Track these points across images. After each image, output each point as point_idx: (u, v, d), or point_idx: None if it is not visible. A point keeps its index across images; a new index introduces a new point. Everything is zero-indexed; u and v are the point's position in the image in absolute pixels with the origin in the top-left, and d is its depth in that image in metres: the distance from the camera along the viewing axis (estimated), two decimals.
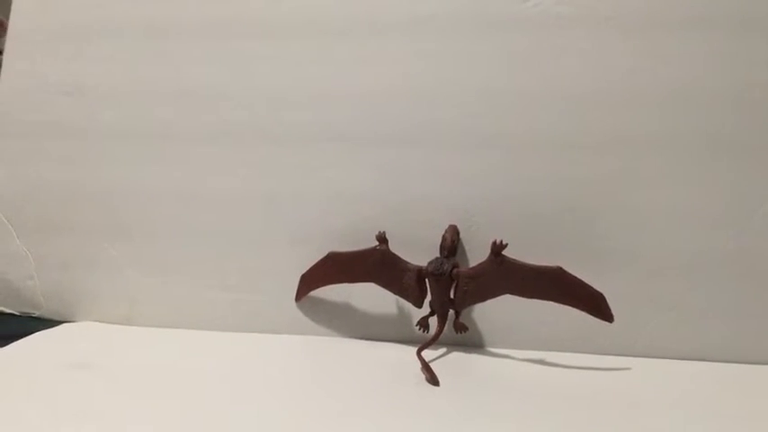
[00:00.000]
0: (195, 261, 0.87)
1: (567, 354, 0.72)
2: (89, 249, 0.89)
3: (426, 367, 0.71)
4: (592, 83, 0.78)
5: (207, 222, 0.86)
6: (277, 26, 0.83)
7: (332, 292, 0.83)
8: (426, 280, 0.76)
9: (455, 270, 0.75)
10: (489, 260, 0.74)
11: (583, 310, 0.72)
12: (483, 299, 0.75)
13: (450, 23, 0.80)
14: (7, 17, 0.90)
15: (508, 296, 0.74)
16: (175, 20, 0.85)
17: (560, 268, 0.71)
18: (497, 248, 0.73)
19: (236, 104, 0.85)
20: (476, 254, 0.79)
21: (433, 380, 0.70)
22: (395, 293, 0.79)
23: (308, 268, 0.82)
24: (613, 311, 0.72)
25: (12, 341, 0.81)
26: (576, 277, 0.71)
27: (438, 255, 0.77)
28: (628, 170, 0.78)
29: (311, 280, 0.83)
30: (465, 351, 0.78)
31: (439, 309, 0.76)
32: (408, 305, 0.79)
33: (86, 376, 0.72)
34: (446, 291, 0.75)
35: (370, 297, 0.82)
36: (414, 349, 0.74)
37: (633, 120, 0.78)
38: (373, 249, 0.78)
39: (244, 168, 0.85)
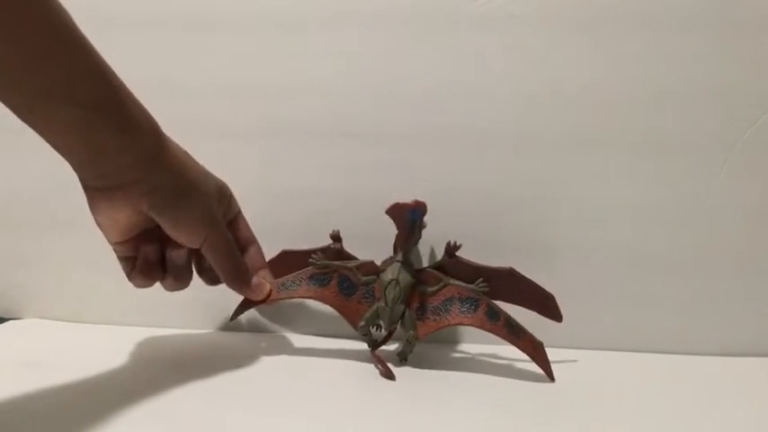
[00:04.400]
0: None
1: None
2: (35, 245, 0.87)
3: (381, 362, 0.72)
4: (541, 81, 0.79)
5: None
6: (231, 18, 0.81)
7: None
8: None
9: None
10: (443, 261, 0.75)
11: (533, 309, 0.74)
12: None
13: (402, 20, 0.79)
14: None
15: None
16: (125, 11, 0.83)
17: (512, 269, 0.73)
18: (451, 250, 0.74)
19: (185, 98, 0.83)
20: (428, 249, 0.81)
21: (388, 374, 0.71)
22: None
23: None
24: (562, 304, 0.74)
25: None
26: (527, 278, 0.73)
27: (392, 253, 0.77)
28: (577, 166, 0.80)
29: None
30: (420, 346, 0.79)
31: None
32: None
33: (34, 374, 0.70)
34: None
35: None
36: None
37: (583, 116, 0.79)
38: (327, 248, 0.78)
39: None
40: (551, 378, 0.71)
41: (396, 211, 0.70)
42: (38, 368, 0.72)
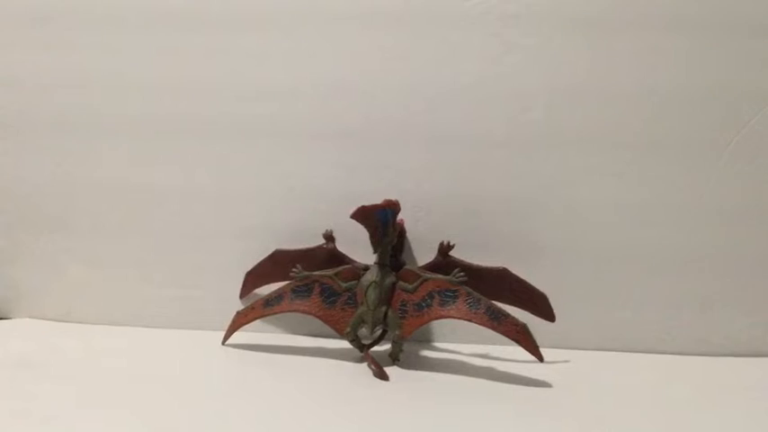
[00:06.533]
0: (137, 256, 0.85)
1: (509, 347, 0.73)
2: (25, 244, 0.87)
3: (374, 363, 0.72)
4: (532, 81, 0.79)
5: (150, 217, 0.85)
6: (222, 17, 0.81)
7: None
8: None
9: (402, 269, 0.75)
10: (436, 261, 0.75)
11: (526, 310, 0.75)
12: None
13: (396, 20, 0.80)
14: None
15: None
16: (112, 9, 0.82)
17: (505, 269, 0.74)
18: (445, 249, 0.74)
19: (181, 97, 0.83)
20: (422, 249, 0.81)
21: (381, 375, 0.71)
22: None
23: (253, 265, 0.82)
24: (555, 305, 0.75)
25: None
26: (520, 278, 0.74)
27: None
28: (571, 167, 0.80)
29: (256, 277, 0.82)
30: (413, 347, 0.79)
31: None
32: None
33: (24, 374, 0.70)
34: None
35: None
36: None
37: (575, 117, 0.79)
38: (320, 247, 0.78)
39: (188, 162, 0.83)
40: (540, 359, 0.70)
41: (361, 215, 0.70)
42: (29, 368, 0.72)
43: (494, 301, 0.70)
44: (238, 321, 0.77)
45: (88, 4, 0.83)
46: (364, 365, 0.73)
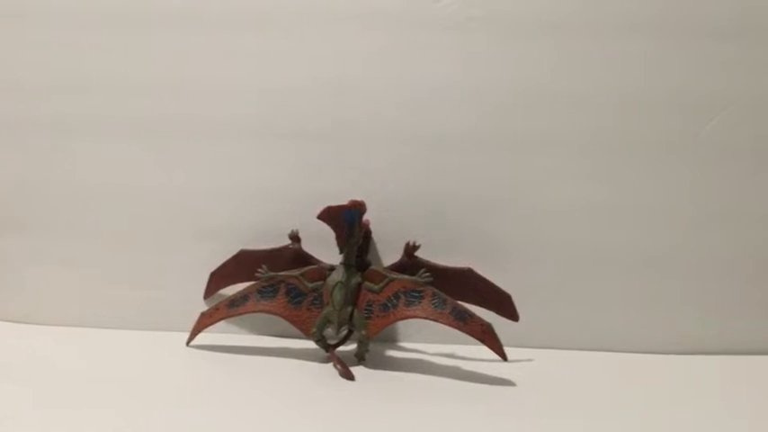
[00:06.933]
0: (98, 257, 0.84)
1: (474, 347, 0.74)
2: None
3: (340, 363, 0.72)
4: (498, 83, 0.80)
5: (112, 217, 0.84)
6: (189, 17, 0.81)
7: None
8: None
9: (368, 269, 0.75)
10: (402, 261, 0.75)
11: (490, 309, 0.75)
12: None
13: (363, 21, 0.80)
14: None
15: None
16: (80, 8, 0.82)
17: (470, 269, 0.74)
18: (410, 250, 0.75)
19: (144, 97, 0.82)
20: (387, 249, 0.81)
21: (347, 375, 0.71)
22: None
23: (218, 266, 0.81)
24: (519, 304, 0.76)
25: None
26: (484, 278, 0.75)
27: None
28: (535, 167, 0.81)
29: (221, 278, 0.82)
30: (379, 346, 0.80)
31: None
32: None
33: None
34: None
35: None
36: None
37: (540, 118, 0.80)
38: (285, 248, 0.78)
39: (151, 162, 0.82)
40: (504, 358, 0.72)
41: (327, 215, 0.70)
42: None
43: (459, 302, 0.71)
44: (203, 322, 0.77)
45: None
46: (330, 365, 0.73)
